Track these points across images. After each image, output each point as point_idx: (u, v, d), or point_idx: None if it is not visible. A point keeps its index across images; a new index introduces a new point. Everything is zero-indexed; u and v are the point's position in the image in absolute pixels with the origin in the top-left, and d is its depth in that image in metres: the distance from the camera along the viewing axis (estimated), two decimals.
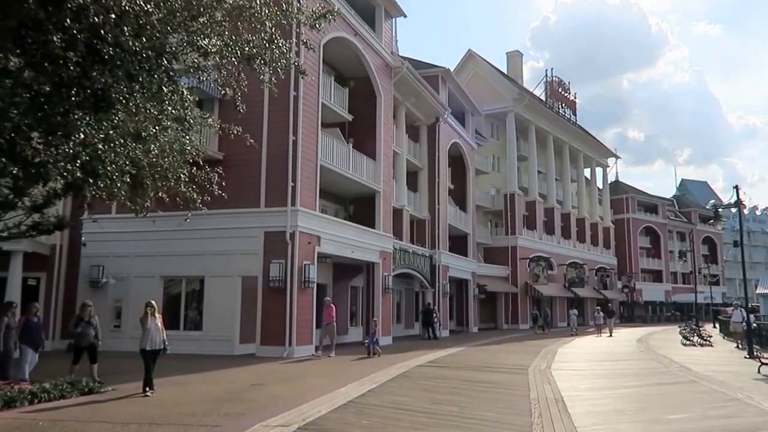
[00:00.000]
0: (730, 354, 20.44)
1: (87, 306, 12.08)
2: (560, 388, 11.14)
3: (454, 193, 38.27)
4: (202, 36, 7.85)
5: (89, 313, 11.96)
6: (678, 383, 12.27)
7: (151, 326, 10.80)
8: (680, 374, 13.78)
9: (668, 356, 18.91)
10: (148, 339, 10.74)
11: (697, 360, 17.62)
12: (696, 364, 16.01)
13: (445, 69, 34.47)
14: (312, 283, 19.61)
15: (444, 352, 20.42)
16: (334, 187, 24.53)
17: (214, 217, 19.84)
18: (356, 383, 11.91)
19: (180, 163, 11.08)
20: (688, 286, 71.88)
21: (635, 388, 11.45)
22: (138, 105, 7.91)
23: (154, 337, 10.77)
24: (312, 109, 20.60)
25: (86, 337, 11.69)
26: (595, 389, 11.40)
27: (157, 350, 10.79)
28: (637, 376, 13.53)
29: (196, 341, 19.58)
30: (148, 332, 10.79)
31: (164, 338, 10.95)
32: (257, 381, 12.47)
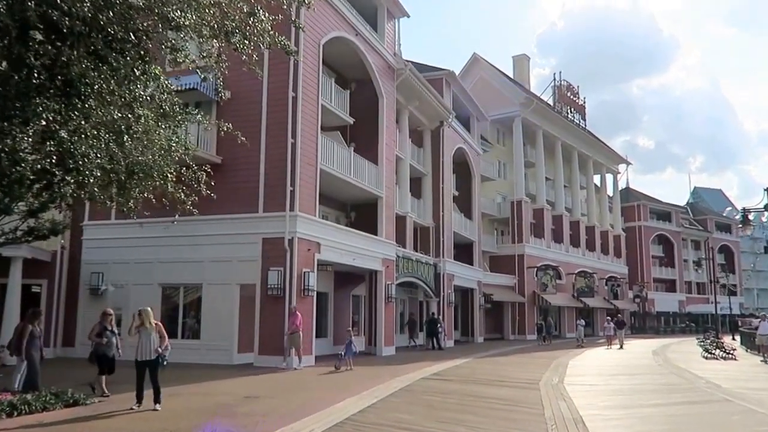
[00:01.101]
0: (759, 369, 19.35)
1: (108, 315, 11.55)
2: (577, 405, 10.24)
3: (459, 200, 37.48)
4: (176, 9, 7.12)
5: (110, 322, 11.55)
6: (709, 402, 11.19)
7: (142, 335, 9.97)
8: (709, 391, 12.66)
9: (690, 370, 17.83)
10: (138, 349, 9.97)
11: (724, 375, 16.53)
12: (724, 380, 14.94)
13: (449, 71, 33.79)
14: (312, 291, 18.85)
15: (449, 363, 19.55)
16: (335, 193, 23.80)
17: (213, 223, 19.27)
18: (356, 398, 11.09)
19: (167, 161, 10.32)
20: (703, 297, 70.55)
21: (661, 408, 10.37)
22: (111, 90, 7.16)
23: (144, 347, 9.92)
24: (311, 110, 19.91)
25: (111, 347, 11.32)
26: (616, 408, 10.39)
27: (146, 361, 9.88)
28: (660, 393, 12.41)
29: (195, 350, 18.91)
30: (139, 341, 10.01)
31: (159, 348, 10.01)
32: (252, 393, 11.68)
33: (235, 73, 20.43)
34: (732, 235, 77.75)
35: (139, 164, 9.50)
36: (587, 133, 55.06)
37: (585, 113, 55.31)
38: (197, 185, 10.86)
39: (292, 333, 17.26)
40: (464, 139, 37.10)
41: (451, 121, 33.81)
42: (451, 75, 34.47)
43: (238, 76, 20.38)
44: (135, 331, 10.05)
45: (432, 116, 32.65)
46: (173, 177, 10.53)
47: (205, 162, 19.52)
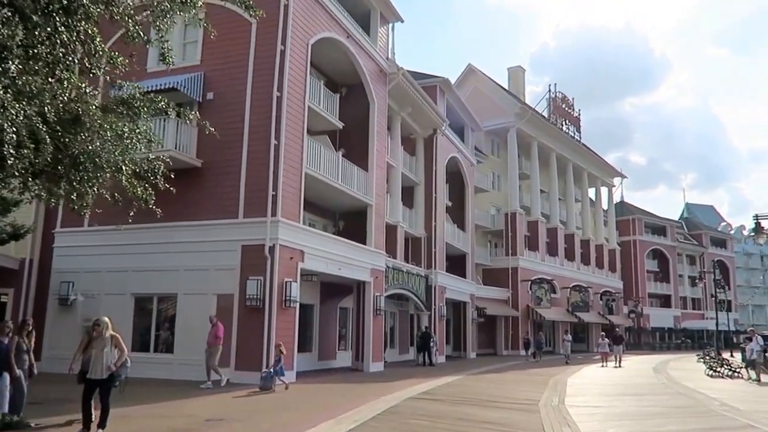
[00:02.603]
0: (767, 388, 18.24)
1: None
2: None
3: (452, 211, 36.45)
4: None
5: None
6: (732, 429, 9.94)
7: (96, 350, 8.53)
8: (728, 416, 11.37)
9: (699, 390, 16.65)
10: (90, 365, 8.52)
11: (736, 396, 15.31)
12: (739, 402, 13.71)
13: (443, 79, 32.89)
14: (294, 303, 17.65)
15: (440, 380, 18.35)
16: (322, 200, 22.69)
17: (189, 230, 18.15)
18: (333, 421, 9.90)
19: (122, 151, 9.13)
20: (698, 312, 69.65)
21: None
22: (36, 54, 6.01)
23: (98, 363, 8.44)
24: (297, 111, 18.85)
25: None
26: None
27: (99, 380, 8.42)
28: (674, 418, 11.09)
29: (167, 365, 17.68)
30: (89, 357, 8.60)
31: (112, 365, 8.49)
32: (217, 415, 10.45)
33: (218, 73, 19.69)
34: (727, 250, 77.12)
35: (86, 153, 8.30)
36: (582, 145, 54.31)
37: (580, 125, 54.58)
38: (154, 177, 9.64)
39: (212, 346, 15.57)
40: (458, 148, 36.13)
41: (444, 129, 32.87)
42: (446, 83, 33.59)
43: (220, 77, 19.55)
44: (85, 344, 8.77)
45: (425, 124, 31.70)
46: (130, 170, 9.32)
47: (185, 165, 18.52)
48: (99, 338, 8.61)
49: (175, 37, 20.56)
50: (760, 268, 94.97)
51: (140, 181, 9.70)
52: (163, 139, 17.90)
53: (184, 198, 18.59)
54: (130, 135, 8.78)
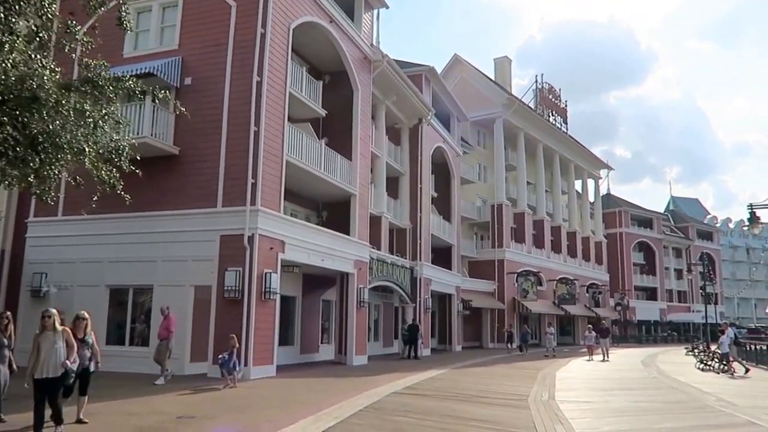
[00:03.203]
0: (762, 382, 17.90)
1: (82, 320, 9.02)
2: (577, 431, 8.62)
3: (437, 202, 35.96)
4: None
5: (84, 329, 8.98)
6: (732, 427, 9.45)
7: (44, 345, 7.76)
8: (726, 412, 10.94)
9: (692, 384, 16.29)
10: (38, 363, 7.73)
11: (731, 390, 14.93)
12: (734, 397, 13.34)
13: (429, 68, 32.31)
14: (274, 294, 17.05)
15: (425, 374, 17.90)
16: (305, 189, 22.08)
17: (166, 219, 17.50)
18: (312, 418, 9.37)
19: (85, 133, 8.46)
20: (684, 305, 69.94)
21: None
22: None
23: (48, 360, 7.70)
24: (278, 97, 18.20)
25: (79, 361, 8.66)
26: None
27: (50, 379, 7.70)
28: (670, 414, 10.63)
29: (143, 359, 16.89)
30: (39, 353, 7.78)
31: (66, 362, 7.77)
32: (189, 412, 9.88)
33: (196, 58, 18.95)
34: (713, 243, 77.47)
35: (45, 134, 7.64)
36: (569, 137, 54.04)
37: (567, 117, 54.26)
38: (117, 159, 8.99)
39: (164, 340, 14.65)
40: (444, 138, 35.61)
41: (430, 118, 32.32)
42: (431, 71, 33.00)
43: (199, 61, 18.81)
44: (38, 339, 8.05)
45: (410, 113, 31.14)
46: (93, 152, 8.65)
47: (161, 153, 17.82)
48: (47, 332, 7.86)
49: (152, 21, 19.89)
50: (746, 261, 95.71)
51: (106, 164, 9.02)
52: (139, 125, 17.26)
53: (161, 186, 17.95)
54: (92, 113, 8.10)
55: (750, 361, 25.95)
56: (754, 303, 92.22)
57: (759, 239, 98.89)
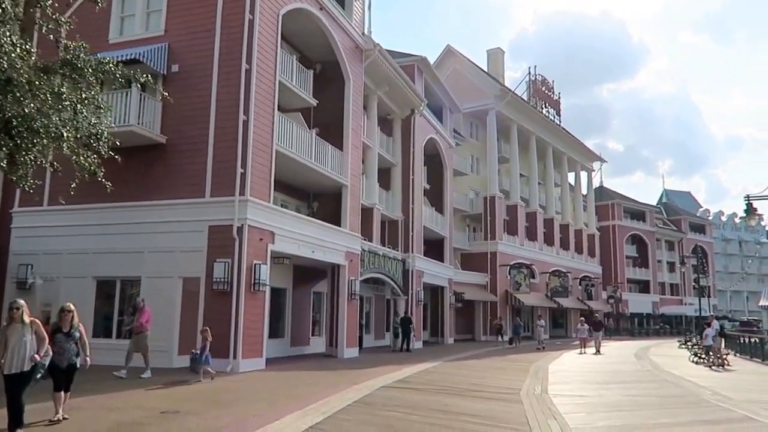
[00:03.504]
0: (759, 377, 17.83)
1: (67, 312, 8.45)
2: (572, 427, 8.40)
3: (430, 194, 35.74)
4: None
5: (69, 322, 8.41)
6: (730, 422, 9.22)
7: (12, 339, 7.36)
8: (723, 406, 10.73)
9: (686, 378, 16.14)
10: (6, 357, 7.33)
11: (726, 384, 14.78)
12: (730, 391, 13.16)
13: (421, 58, 32.01)
14: (264, 286, 16.78)
15: (417, 367, 17.70)
16: (295, 180, 21.79)
17: (154, 210, 17.18)
18: (299, 413, 9.12)
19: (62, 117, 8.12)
20: (676, 298, 70.15)
21: (676, 429, 8.51)
22: None
23: (16, 354, 7.30)
24: (267, 86, 17.86)
25: (64, 355, 8.19)
26: (619, 430, 8.34)
27: (20, 374, 7.30)
28: (666, 409, 10.42)
29: None
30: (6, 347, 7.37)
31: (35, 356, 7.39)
32: (174, 407, 9.61)
33: (183, 44, 18.55)
34: (706, 235, 77.66)
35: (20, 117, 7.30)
36: (562, 129, 53.90)
37: (560, 109, 54.15)
38: (97, 144, 8.65)
39: (138, 333, 14.09)
40: (436, 129, 35.33)
41: (422, 109, 32.03)
42: (424, 62, 32.70)
43: (186, 48, 18.42)
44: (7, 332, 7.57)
45: (403, 104, 30.83)
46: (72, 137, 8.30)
47: (148, 142, 17.47)
48: (15, 325, 7.45)
49: (137, 6, 19.46)
50: (738, 254, 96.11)
51: (87, 150, 8.69)
52: (125, 114, 16.89)
53: (148, 176, 17.62)
54: (69, 96, 7.76)
55: (744, 354, 25.97)
56: (746, 296, 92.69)
57: (752, 232, 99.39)
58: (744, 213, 17.98)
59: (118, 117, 16.88)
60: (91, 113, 8.67)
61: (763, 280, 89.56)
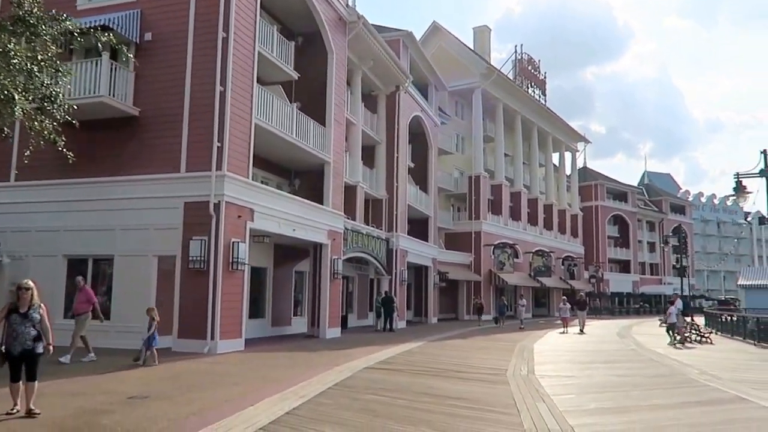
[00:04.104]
0: (741, 355, 17.62)
1: (25, 290, 7.51)
2: (561, 409, 8.02)
3: (414, 173, 35.22)
4: None
5: (28, 302, 7.50)
6: (722, 402, 8.88)
7: None
8: (712, 386, 10.44)
9: (671, 356, 15.94)
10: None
11: (712, 363, 14.58)
12: (717, 369, 12.96)
13: (407, 32, 31.26)
14: (242, 265, 16.19)
15: (400, 347, 17.32)
16: (276, 156, 21.10)
17: (127, 185, 16.46)
18: (276, 397, 8.64)
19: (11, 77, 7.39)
20: (656, 277, 70.85)
21: (668, 411, 7.89)
22: None
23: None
24: (246, 56, 17.08)
25: (18, 339, 7.32)
26: (611, 412, 7.97)
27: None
28: (656, 390, 10.09)
29: (104, 333, 15.99)
30: None
31: None
32: (143, 392, 9.07)
33: (157, 11, 17.62)
34: (686, 216, 78.32)
35: None
36: (547, 109, 53.51)
37: (545, 89, 53.76)
38: (51, 107, 7.96)
39: (80, 315, 13.16)
40: (422, 107, 34.68)
41: (407, 86, 31.35)
42: (410, 37, 31.95)
43: (160, 15, 17.51)
44: None
45: (387, 79, 30.12)
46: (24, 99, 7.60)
47: (120, 114, 16.66)
48: None
49: None
50: (716, 235, 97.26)
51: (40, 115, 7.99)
52: (95, 84, 16.04)
53: (121, 150, 16.86)
54: (18, 54, 7.05)
55: (725, 332, 26.01)
56: (723, 275, 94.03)
57: (729, 213, 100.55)
58: (733, 191, 17.69)
59: (88, 87, 16.07)
60: (49, 77, 7.96)
61: (739, 260, 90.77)
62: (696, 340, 21.53)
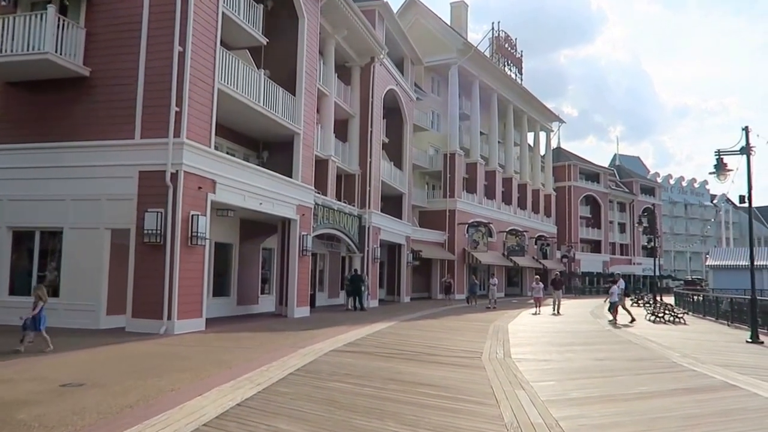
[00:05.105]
0: (717, 336, 17.30)
1: None
2: (543, 399, 7.29)
3: (389, 148, 34.27)
4: None
5: None
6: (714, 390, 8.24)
7: None
8: (696, 371, 9.90)
9: (649, 338, 15.45)
10: None
11: (691, 345, 14.14)
12: (698, 352, 12.46)
13: (383, 2, 30.03)
14: (203, 240, 15.16)
15: (370, 328, 16.55)
16: (243, 126, 19.97)
17: (77, 152, 15.27)
18: (230, 385, 7.76)
19: None
20: (626, 258, 71.55)
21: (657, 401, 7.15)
22: None
23: None
24: (208, 15, 15.85)
25: None
26: (597, 402, 7.20)
27: None
28: (640, 375, 9.46)
29: (52, 311, 14.69)
30: None
31: None
32: (80, 378, 8.12)
33: None
34: (655, 198, 79.04)
35: None
36: (523, 88, 52.84)
37: (521, 67, 53.03)
38: None
39: None
40: (397, 81, 33.62)
41: (383, 58, 30.24)
42: (385, 7, 30.71)
43: None
44: None
45: (362, 51, 28.97)
46: None
47: (69, 74, 15.33)
48: None
49: None
50: (683, 216, 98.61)
51: None
52: (39, 40, 14.65)
53: (70, 114, 15.56)
54: None
55: (697, 312, 25.87)
56: (689, 256, 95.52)
57: (696, 195, 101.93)
58: (714, 168, 17.15)
59: (32, 44, 14.69)
60: None
61: (705, 242, 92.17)
62: (670, 320, 21.23)
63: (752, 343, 15.17)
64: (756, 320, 16.19)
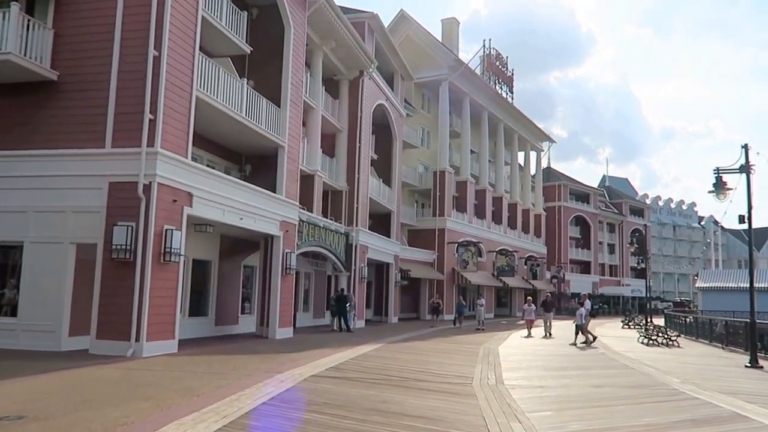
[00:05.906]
0: (716, 360, 16.55)
1: None
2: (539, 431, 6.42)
3: (377, 165, 33.52)
4: None
5: None
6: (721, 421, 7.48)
7: None
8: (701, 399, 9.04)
9: (644, 362, 14.67)
10: None
11: (691, 370, 13.38)
12: (698, 379, 11.69)
13: (372, 14, 29.48)
14: (177, 256, 14.18)
15: (355, 350, 15.58)
16: (224, 137, 19.13)
17: (40, 161, 14.31)
18: (191, 418, 6.80)
19: None
20: (615, 279, 71.06)
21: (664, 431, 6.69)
22: None
23: None
24: (187, 20, 15.07)
25: None
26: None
27: None
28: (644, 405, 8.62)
29: (10, 332, 13.96)
30: None
31: None
32: (23, 409, 7.12)
33: None
34: (644, 219, 78.90)
35: None
36: (513, 106, 52.54)
37: (512, 86, 52.80)
38: None
39: None
40: (386, 95, 32.99)
41: (372, 71, 29.62)
42: (375, 19, 30.16)
43: None
44: None
45: (351, 63, 28.34)
46: None
47: (35, 77, 14.40)
48: None
49: None
50: (672, 238, 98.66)
51: None
52: (2, 39, 13.76)
53: (34, 120, 14.58)
54: None
55: (690, 335, 25.12)
56: (677, 278, 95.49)
57: (685, 217, 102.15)
58: (713, 187, 16.53)
59: None
60: None
61: (693, 263, 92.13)
62: (663, 343, 20.45)
63: (751, 367, 14.43)
64: (755, 344, 15.57)
